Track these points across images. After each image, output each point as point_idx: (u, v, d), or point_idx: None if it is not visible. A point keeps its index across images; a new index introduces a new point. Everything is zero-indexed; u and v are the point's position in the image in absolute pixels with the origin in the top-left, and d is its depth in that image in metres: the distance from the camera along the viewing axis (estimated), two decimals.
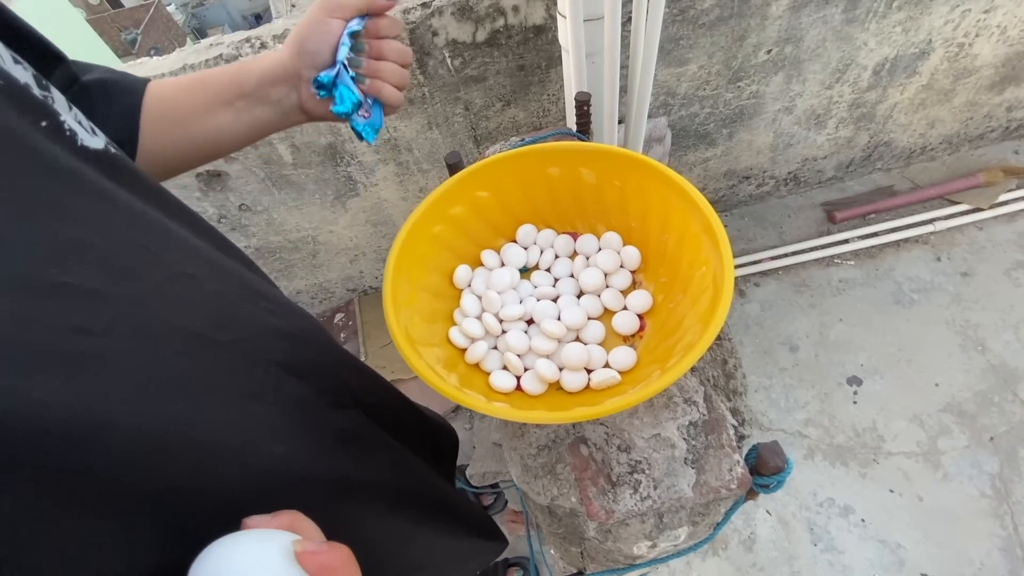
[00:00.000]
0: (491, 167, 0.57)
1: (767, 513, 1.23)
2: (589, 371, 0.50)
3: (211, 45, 1.05)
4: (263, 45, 1.02)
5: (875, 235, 1.58)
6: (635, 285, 0.57)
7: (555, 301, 0.56)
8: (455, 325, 0.54)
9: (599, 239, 0.60)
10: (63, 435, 0.22)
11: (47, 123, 0.27)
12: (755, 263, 1.60)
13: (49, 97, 0.29)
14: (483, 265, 0.60)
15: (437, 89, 1.14)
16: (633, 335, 0.53)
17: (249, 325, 0.36)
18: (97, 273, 0.26)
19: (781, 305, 1.53)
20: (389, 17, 0.47)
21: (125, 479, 0.25)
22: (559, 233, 0.62)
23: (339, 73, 0.44)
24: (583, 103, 0.80)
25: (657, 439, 0.48)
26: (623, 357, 0.50)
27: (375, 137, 0.48)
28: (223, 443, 0.30)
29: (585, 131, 0.84)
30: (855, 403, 1.34)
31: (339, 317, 1.68)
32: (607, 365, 0.50)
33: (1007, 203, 1.58)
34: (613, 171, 0.56)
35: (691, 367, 0.39)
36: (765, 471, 0.45)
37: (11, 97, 0.26)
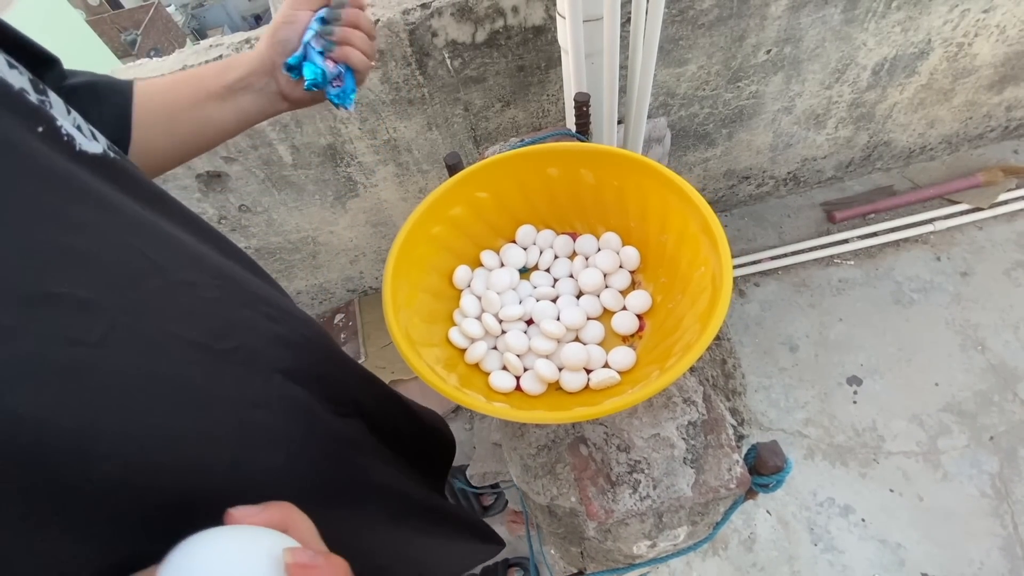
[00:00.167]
0: (490, 168, 0.57)
1: (767, 513, 1.23)
2: (588, 371, 0.50)
3: (211, 46, 1.05)
4: None
5: (875, 235, 1.58)
6: (634, 285, 0.57)
7: (554, 301, 0.56)
8: (455, 325, 0.55)
9: (598, 239, 0.60)
10: (51, 450, 0.22)
11: (44, 128, 0.27)
12: (755, 263, 1.60)
13: (46, 102, 0.28)
14: (482, 266, 0.60)
15: (437, 90, 1.14)
16: (632, 335, 0.53)
17: (250, 333, 0.36)
18: (93, 282, 0.25)
19: (781, 305, 1.53)
20: None
21: (114, 494, 0.25)
22: (558, 233, 0.62)
23: (305, 53, 0.49)
24: (582, 104, 0.80)
25: (656, 439, 0.48)
26: (622, 357, 0.50)
27: (351, 102, 0.52)
28: (219, 454, 0.30)
29: (584, 132, 0.84)
30: (855, 403, 1.34)
31: (339, 318, 1.68)
32: (606, 365, 0.50)
33: (1007, 203, 1.58)
34: (612, 172, 0.56)
35: (690, 367, 0.40)
36: (764, 471, 0.45)
37: (6, 103, 0.25)
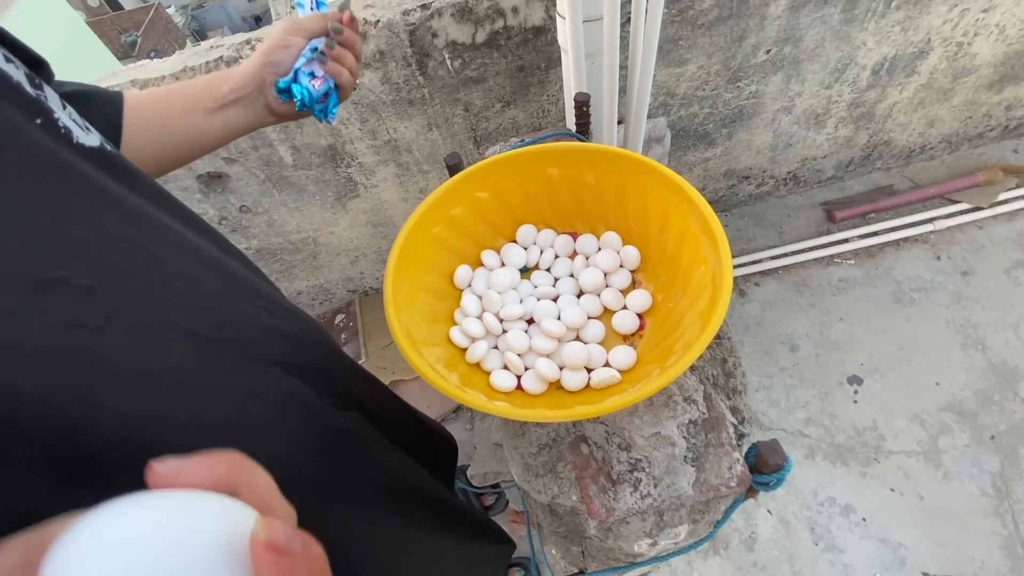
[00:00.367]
0: (491, 168, 0.57)
1: (768, 512, 1.23)
2: (589, 370, 0.50)
3: (212, 47, 1.05)
4: None
5: (875, 234, 1.59)
6: (635, 284, 0.57)
7: (555, 301, 0.56)
8: (456, 325, 0.55)
9: (599, 239, 0.60)
10: (54, 428, 0.22)
11: (42, 120, 0.27)
12: (755, 263, 1.60)
13: (42, 95, 0.29)
14: (483, 265, 0.60)
15: (437, 90, 1.15)
16: (633, 334, 0.53)
17: (248, 325, 0.36)
18: (93, 270, 0.26)
19: (781, 305, 1.53)
20: (349, 25, 0.54)
21: (115, 474, 0.25)
22: (559, 233, 0.62)
23: (296, 76, 0.52)
24: (582, 104, 0.80)
25: (657, 437, 0.48)
26: (623, 356, 0.50)
27: (335, 116, 0.56)
28: (218, 441, 0.30)
29: (584, 132, 0.84)
30: (855, 402, 1.34)
31: (340, 318, 1.69)
32: (607, 364, 0.50)
33: (1007, 202, 1.58)
34: (612, 171, 0.56)
35: (690, 365, 0.40)
36: (765, 469, 0.45)
37: (5, 94, 0.26)
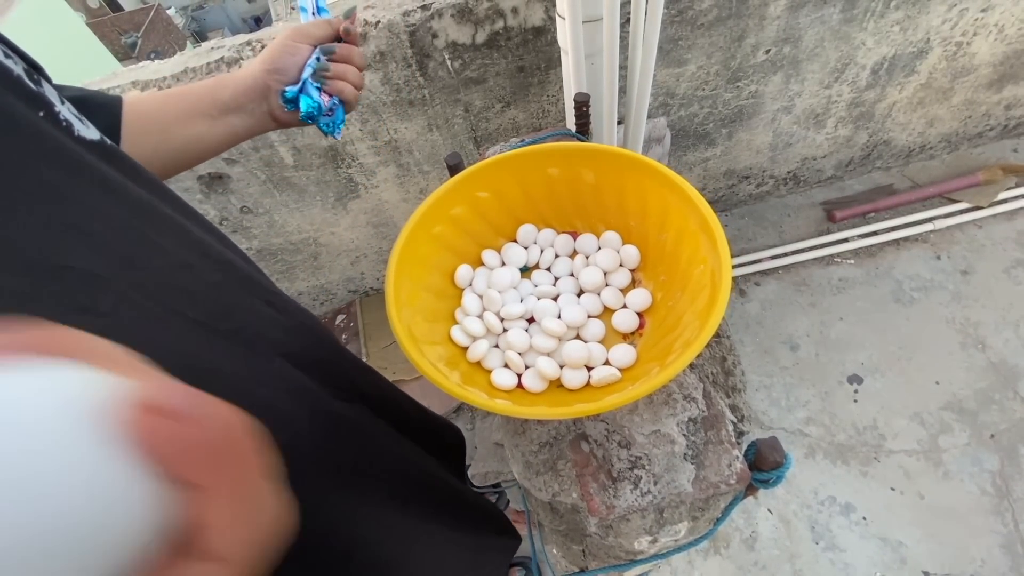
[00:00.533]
0: (491, 168, 0.57)
1: (768, 512, 1.23)
2: (589, 369, 0.50)
3: (212, 48, 1.06)
4: (263, 48, 1.03)
5: (875, 234, 1.59)
6: (634, 283, 0.57)
7: (555, 300, 0.56)
8: (457, 324, 0.55)
9: (599, 238, 0.60)
10: None
11: (44, 113, 0.28)
12: (755, 262, 1.60)
13: (42, 90, 0.29)
14: (484, 265, 0.60)
15: (437, 91, 1.15)
16: (633, 333, 0.54)
17: (250, 316, 0.37)
18: (99, 258, 0.26)
19: (781, 304, 1.54)
20: (352, 35, 0.53)
21: None
22: (559, 232, 0.62)
23: (303, 87, 0.51)
24: (582, 104, 0.81)
25: (657, 435, 0.48)
26: (623, 355, 0.50)
27: (340, 132, 0.55)
28: None
29: (584, 132, 0.84)
30: (856, 401, 1.35)
31: (340, 319, 1.69)
32: (607, 363, 0.51)
33: (1006, 201, 1.58)
34: (612, 171, 0.56)
35: (689, 363, 0.40)
36: (764, 466, 0.45)
37: (9, 86, 0.26)
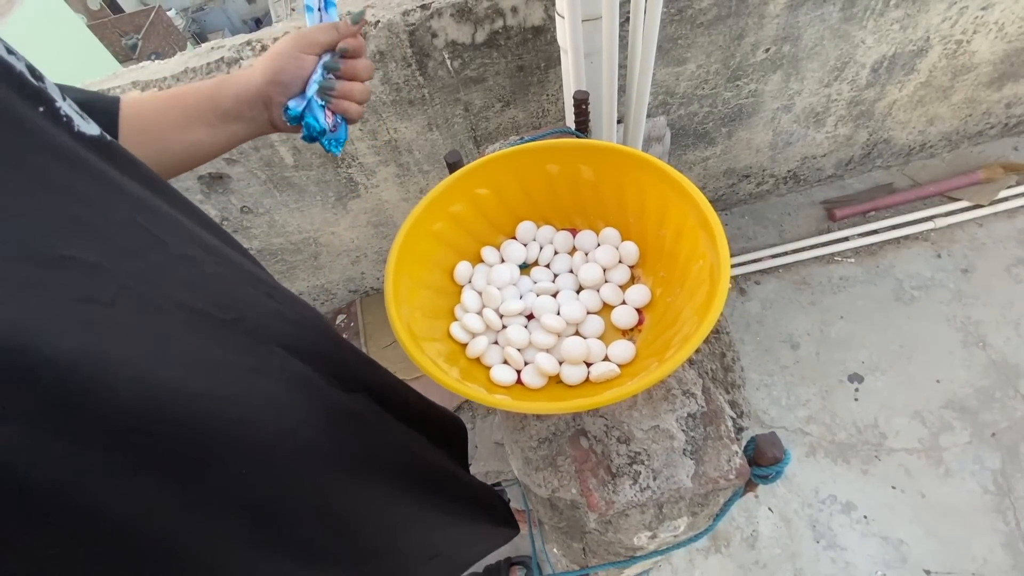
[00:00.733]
0: (490, 165, 0.57)
1: (769, 511, 1.23)
2: (589, 365, 0.51)
3: (212, 48, 1.06)
4: (263, 48, 1.03)
5: (875, 232, 1.59)
6: (634, 280, 0.57)
7: (555, 296, 0.57)
8: (456, 321, 0.55)
9: (598, 235, 0.60)
10: (71, 391, 0.23)
11: (44, 109, 0.28)
12: (755, 261, 1.60)
13: (43, 86, 0.29)
14: (483, 261, 0.60)
15: (437, 91, 1.15)
16: (632, 329, 0.54)
17: (251, 307, 0.37)
18: (99, 249, 0.27)
19: (782, 303, 1.54)
20: (358, 38, 0.50)
21: (129, 434, 0.26)
22: (558, 229, 0.62)
23: (308, 105, 0.48)
24: (581, 102, 0.81)
25: (656, 431, 0.48)
26: (622, 351, 0.50)
27: (340, 149, 0.52)
28: (225, 413, 0.31)
29: (583, 130, 0.84)
30: (856, 400, 1.34)
31: (341, 318, 1.69)
32: (606, 359, 0.51)
33: (1007, 199, 1.58)
34: (611, 167, 0.56)
35: (687, 358, 0.40)
36: (763, 462, 0.45)
37: (10, 82, 0.27)
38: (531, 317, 0.56)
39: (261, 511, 0.34)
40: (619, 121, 1.07)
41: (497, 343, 0.54)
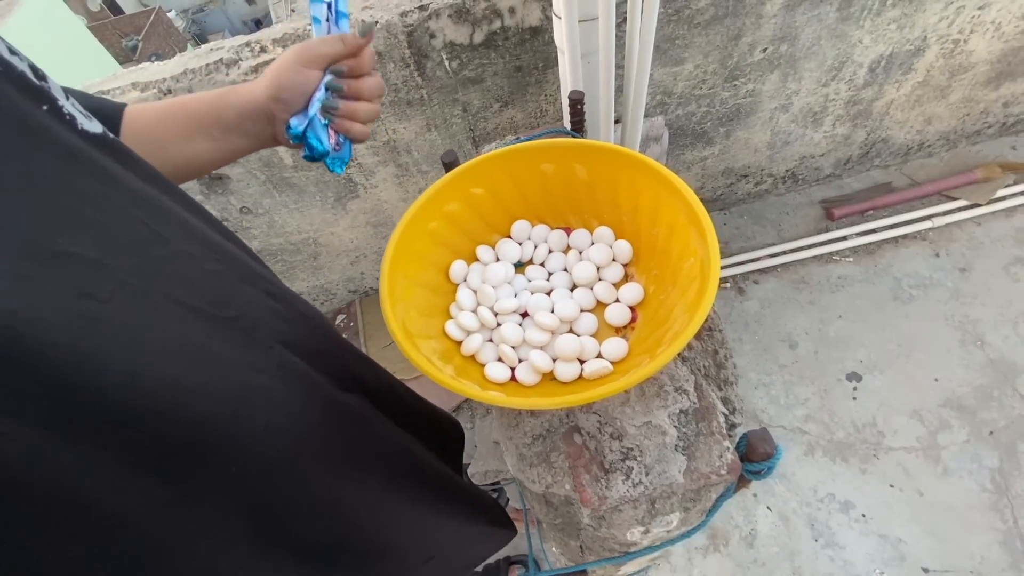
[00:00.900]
0: (485, 164, 0.58)
1: (768, 509, 1.23)
2: (582, 362, 0.51)
3: (211, 49, 1.06)
4: (263, 49, 1.04)
5: (873, 232, 1.59)
6: (627, 278, 0.58)
7: (549, 294, 0.57)
8: (451, 319, 0.56)
9: (592, 233, 0.61)
10: (66, 385, 0.24)
11: (47, 107, 0.29)
12: (754, 261, 1.61)
13: (46, 85, 0.30)
14: (478, 260, 0.61)
15: (435, 91, 1.16)
16: (625, 326, 0.54)
17: (249, 304, 0.37)
18: (99, 245, 0.27)
19: (780, 302, 1.54)
20: (366, 53, 0.47)
21: (124, 427, 0.26)
22: (553, 228, 0.63)
23: (311, 123, 0.46)
24: (576, 102, 0.81)
25: (648, 427, 0.49)
26: (615, 348, 0.51)
27: (343, 169, 0.50)
28: (220, 409, 0.31)
29: (580, 130, 0.85)
30: (855, 399, 1.35)
31: (340, 319, 1.70)
32: (599, 356, 0.51)
33: (1005, 199, 1.58)
34: (605, 167, 0.57)
35: (679, 354, 0.40)
36: (755, 457, 0.45)
37: (12, 81, 0.27)
38: (525, 315, 0.56)
39: (256, 508, 0.35)
40: (617, 121, 1.07)
41: (492, 341, 0.55)
